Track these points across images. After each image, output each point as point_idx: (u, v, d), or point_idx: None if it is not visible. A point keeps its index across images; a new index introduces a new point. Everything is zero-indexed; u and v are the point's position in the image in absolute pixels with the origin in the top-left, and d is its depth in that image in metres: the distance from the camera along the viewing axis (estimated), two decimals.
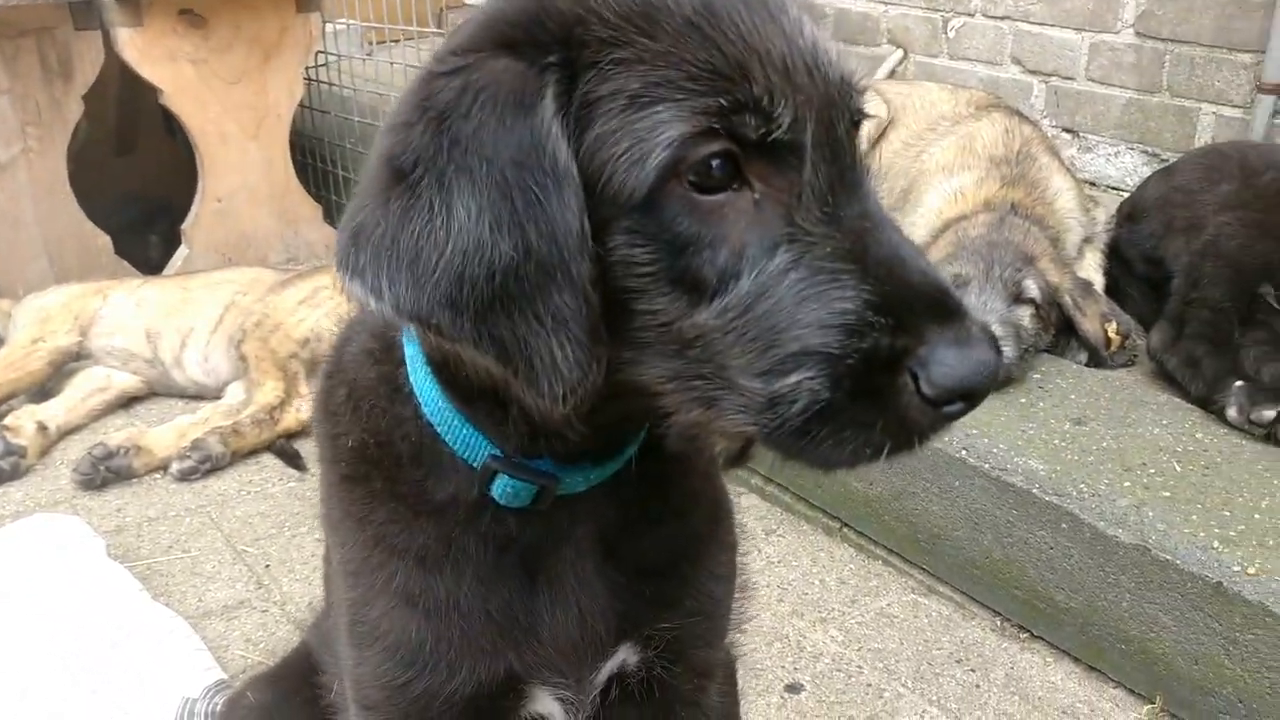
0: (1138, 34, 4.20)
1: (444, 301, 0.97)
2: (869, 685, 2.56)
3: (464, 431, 1.20)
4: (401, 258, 0.97)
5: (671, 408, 1.08)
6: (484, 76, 0.98)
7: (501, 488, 1.21)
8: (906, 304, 1.00)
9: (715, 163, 0.99)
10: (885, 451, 1.01)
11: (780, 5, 1.04)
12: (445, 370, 1.19)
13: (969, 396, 1.00)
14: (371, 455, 1.29)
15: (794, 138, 1.00)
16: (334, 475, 1.35)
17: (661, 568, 1.38)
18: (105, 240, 4.62)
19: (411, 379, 1.23)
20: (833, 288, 1.00)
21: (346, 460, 1.32)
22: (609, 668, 1.39)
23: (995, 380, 1.00)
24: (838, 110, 1.03)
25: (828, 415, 1.00)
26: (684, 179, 0.98)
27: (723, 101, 0.97)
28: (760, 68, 0.98)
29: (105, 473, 3.40)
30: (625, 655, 1.40)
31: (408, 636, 1.29)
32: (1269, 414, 2.65)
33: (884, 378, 0.99)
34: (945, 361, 0.98)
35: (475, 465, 1.21)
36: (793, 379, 0.99)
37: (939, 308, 1.01)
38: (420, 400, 1.23)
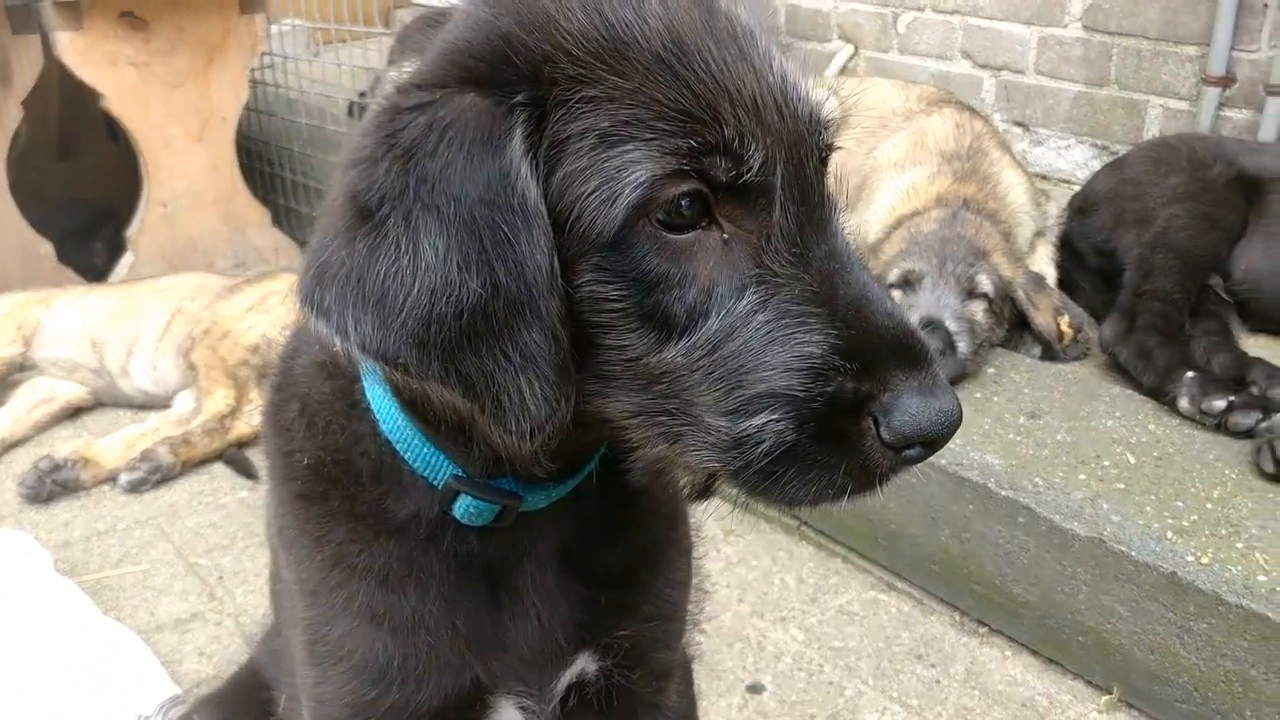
0: (1085, 28, 4.23)
1: (411, 341, 0.96)
2: (830, 683, 2.55)
3: (425, 450, 1.19)
4: (368, 297, 0.96)
5: (637, 441, 1.09)
6: (450, 113, 0.97)
7: (464, 507, 1.20)
8: (872, 348, 1.01)
9: (685, 203, 0.98)
10: (848, 492, 1.03)
11: (750, 38, 1.02)
12: (406, 392, 1.17)
13: (929, 444, 1.02)
14: (329, 473, 1.26)
15: (764, 180, 1.00)
16: (288, 493, 1.32)
17: (620, 577, 1.38)
18: (48, 248, 4.53)
19: (368, 394, 1.21)
20: (800, 331, 1.01)
21: (302, 478, 1.29)
22: (568, 676, 1.39)
23: (956, 428, 1.02)
24: (807, 148, 1.03)
25: (793, 456, 1.01)
26: (653, 218, 0.98)
27: (693, 143, 0.97)
28: (730, 108, 0.98)
29: (52, 485, 3.33)
30: (584, 664, 1.39)
31: (374, 655, 1.28)
32: (1219, 404, 2.67)
33: (848, 422, 1.01)
34: (908, 410, 1.00)
35: (436, 484, 1.20)
36: (759, 420, 1.00)
37: (904, 352, 1.02)
38: (378, 417, 1.21)
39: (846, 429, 1.01)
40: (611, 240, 0.98)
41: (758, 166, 0.99)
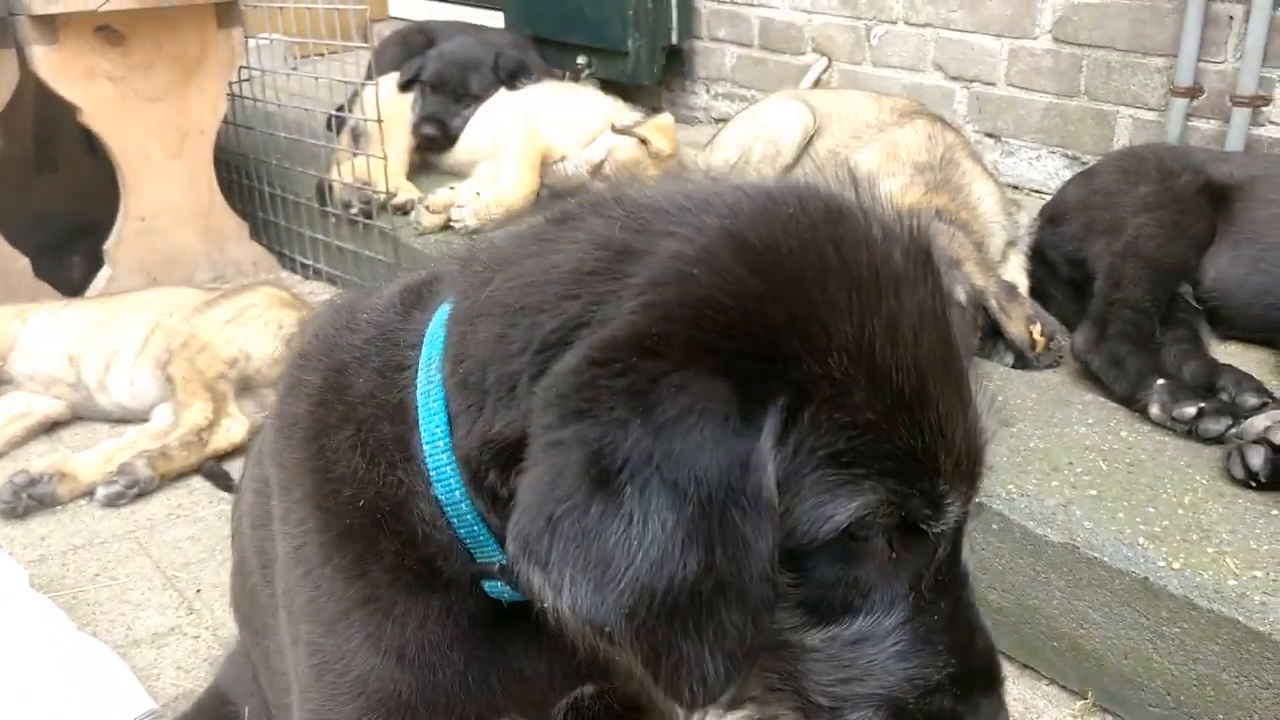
0: (1055, 39, 4.27)
1: (623, 612, 0.97)
2: None
3: (478, 530, 1.20)
4: (590, 562, 0.97)
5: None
6: (709, 401, 0.98)
7: (495, 585, 1.23)
8: (972, 676, 1.14)
9: (880, 527, 1.06)
10: None
11: (964, 378, 1.11)
12: (475, 473, 1.16)
13: None
14: (385, 524, 1.24)
15: (948, 529, 1.10)
16: (323, 522, 1.28)
17: None
18: (24, 262, 4.51)
19: (426, 449, 1.20)
20: (927, 654, 1.12)
21: (351, 515, 1.26)
22: (568, 700, 1.40)
23: None
24: (974, 492, 1.12)
25: None
26: (850, 533, 1.05)
27: (908, 490, 1.03)
28: (947, 461, 1.05)
29: (28, 500, 3.31)
30: (584, 688, 1.41)
31: (396, 693, 1.29)
32: (1190, 411, 2.70)
33: None
34: None
35: (480, 560, 1.22)
36: (862, 714, 1.11)
37: (988, 679, 1.16)
38: (435, 480, 1.20)
39: None
40: (810, 545, 1.04)
41: (953, 522, 1.09)
